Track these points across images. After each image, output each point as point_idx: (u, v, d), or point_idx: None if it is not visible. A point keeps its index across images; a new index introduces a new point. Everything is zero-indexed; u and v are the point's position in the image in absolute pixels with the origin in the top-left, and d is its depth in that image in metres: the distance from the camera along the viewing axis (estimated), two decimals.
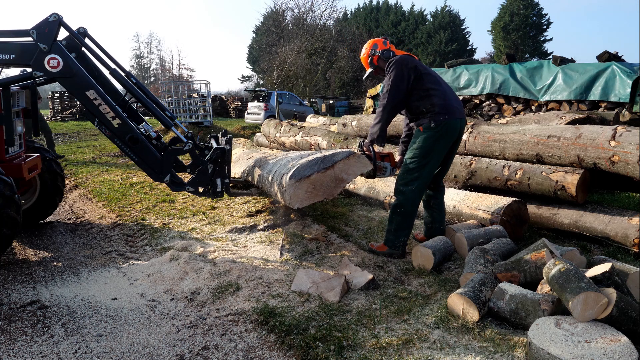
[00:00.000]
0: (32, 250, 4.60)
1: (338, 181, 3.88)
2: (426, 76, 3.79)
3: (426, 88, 3.75)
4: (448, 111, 3.72)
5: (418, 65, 3.81)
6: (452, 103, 3.79)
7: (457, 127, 3.79)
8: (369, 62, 4.05)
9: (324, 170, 3.84)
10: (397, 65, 3.74)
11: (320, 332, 2.67)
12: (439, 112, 3.70)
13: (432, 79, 3.81)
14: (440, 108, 3.71)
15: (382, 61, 3.98)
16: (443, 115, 3.70)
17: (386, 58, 3.94)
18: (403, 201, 3.79)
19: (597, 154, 3.91)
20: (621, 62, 7.50)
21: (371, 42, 4.07)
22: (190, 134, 4.50)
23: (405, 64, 3.75)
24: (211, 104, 17.33)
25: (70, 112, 23.30)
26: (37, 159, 4.81)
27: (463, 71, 9.59)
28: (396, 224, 3.81)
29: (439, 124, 3.70)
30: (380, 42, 4.02)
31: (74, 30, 4.37)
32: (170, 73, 55.99)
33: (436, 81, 3.82)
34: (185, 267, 3.77)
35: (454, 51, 38.13)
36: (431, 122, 3.71)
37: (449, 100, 3.78)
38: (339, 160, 3.88)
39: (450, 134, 3.76)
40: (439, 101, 3.73)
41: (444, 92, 3.80)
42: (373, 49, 4.01)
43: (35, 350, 2.71)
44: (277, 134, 7.92)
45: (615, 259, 3.29)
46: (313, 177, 3.81)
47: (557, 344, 2.18)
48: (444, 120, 3.70)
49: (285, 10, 38.09)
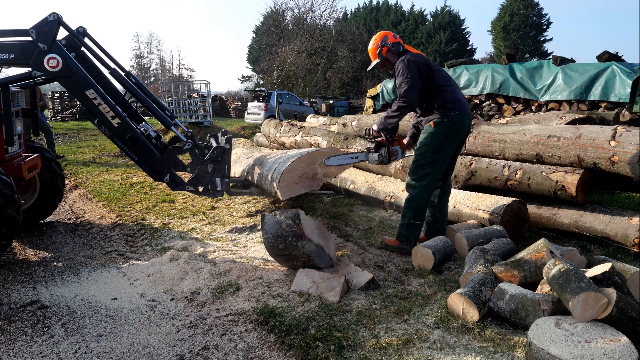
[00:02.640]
0: (32, 250, 4.60)
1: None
2: (437, 73, 3.86)
3: (438, 85, 3.82)
4: (459, 106, 3.81)
5: (429, 62, 3.88)
6: (461, 98, 3.89)
7: (466, 123, 3.90)
8: (378, 52, 3.99)
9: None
10: (412, 64, 3.76)
11: (320, 332, 2.66)
12: (450, 107, 3.79)
13: (443, 75, 3.89)
14: (451, 104, 3.80)
15: (391, 54, 3.97)
16: (454, 111, 3.79)
17: (395, 51, 3.94)
18: (415, 195, 3.88)
19: (597, 154, 3.91)
20: (621, 62, 7.49)
21: (382, 34, 4.03)
22: (190, 133, 4.50)
23: (419, 61, 3.80)
24: (211, 104, 17.32)
25: (70, 112, 23.28)
26: (36, 158, 4.81)
27: (463, 71, 9.59)
28: (409, 218, 3.90)
29: (450, 119, 3.78)
30: (391, 35, 4.02)
31: (73, 30, 4.36)
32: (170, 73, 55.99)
33: (446, 77, 3.91)
34: (185, 267, 3.76)
35: (454, 51, 38.10)
36: (443, 117, 3.78)
37: (458, 95, 3.88)
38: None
39: (460, 129, 3.86)
40: (450, 97, 3.81)
41: (454, 88, 3.90)
42: (383, 40, 3.98)
43: (35, 350, 2.71)
44: (277, 134, 7.92)
45: (615, 259, 3.29)
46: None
47: (557, 344, 2.18)
48: (455, 115, 3.78)
49: (285, 10, 38.09)
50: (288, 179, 4.25)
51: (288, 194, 4.25)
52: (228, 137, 4.74)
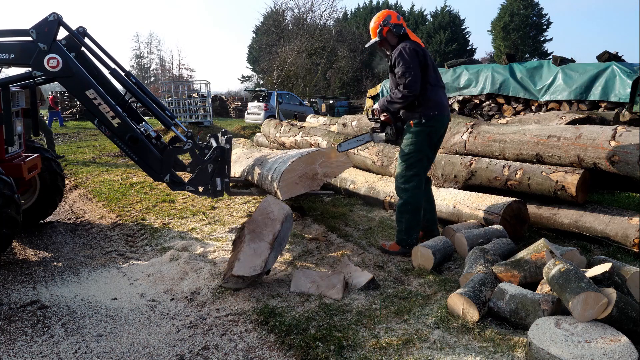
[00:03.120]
0: (32, 250, 4.60)
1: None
2: (428, 69, 3.83)
3: (424, 81, 3.80)
4: (438, 107, 3.84)
5: (427, 56, 3.86)
6: (442, 100, 3.92)
7: (445, 123, 3.95)
8: (378, 31, 3.90)
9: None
10: (412, 52, 3.72)
11: (320, 332, 2.67)
12: (431, 106, 3.81)
13: (432, 72, 3.88)
14: (432, 103, 3.82)
15: (391, 35, 3.90)
16: (433, 111, 3.82)
17: (396, 33, 3.88)
18: (409, 199, 3.85)
19: (597, 154, 3.91)
20: (621, 62, 7.50)
21: (385, 13, 3.94)
22: (190, 133, 4.50)
23: (419, 50, 3.78)
24: (211, 104, 17.34)
25: (70, 112, 23.29)
26: (36, 158, 4.81)
27: (463, 71, 9.59)
28: (406, 223, 3.87)
29: (429, 119, 3.82)
30: (395, 15, 3.93)
31: (73, 30, 4.36)
32: (170, 73, 56.00)
33: (435, 76, 3.90)
34: (185, 267, 3.77)
35: (454, 51, 38.09)
36: (422, 117, 3.82)
37: (440, 96, 3.90)
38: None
39: (439, 128, 3.91)
40: (431, 96, 3.82)
41: (438, 88, 3.90)
42: (386, 20, 3.89)
43: (35, 350, 2.71)
44: (277, 134, 7.92)
45: (615, 259, 3.29)
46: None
47: (557, 344, 2.18)
48: (433, 115, 3.82)
49: (285, 10, 38.10)
50: (288, 179, 4.26)
51: (288, 194, 4.26)
52: (228, 137, 4.74)
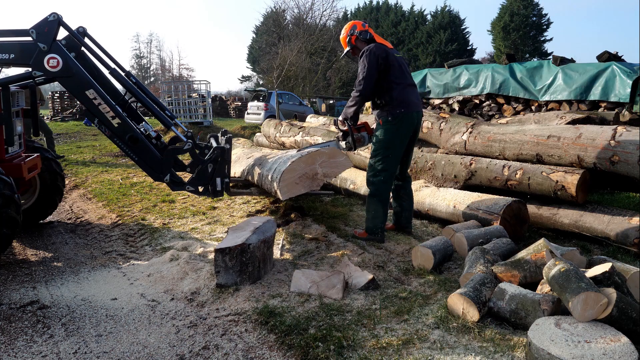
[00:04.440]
0: (32, 250, 4.60)
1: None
2: (392, 69, 3.99)
3: (389, 80, 3.98)
4: (404, 105, 3.98)
5: (389, 56, 4.00)
6: (409, 97, 4.04)
7: (413, 119, 4.08)
8: (347, 41, 4.26)
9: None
10: (371, 55, 3.95)
11: (320, 332, 2.67)
12: (396, 105, 3.97)
13: (398, 72, 4.01)
14: (397, 102, 3.97)
15: (360, 41, 4.21)
16: (399, 109, 3.97)
17: (363, 39, 4.18)
18: (375, 191, 4.15)
19: (597, 154, 3.91)
20: (621, 62, 7.49)
21: (351, 24, 4.30)
22: (190, 133, 4.50)
23: (379, 53, 3.96)
24: (211, 104, 17.33)
25: (70, 112, 23.28)
26: (36, 158, 4.81)
27: (463, 71, 9.58)
28: (373, 212, 4.15)
29: (395, 116, 3.98)
30: (360, 24, 4.28)
31: (73, 30, 4.36)
32: (170, 73, 55.96)
33: (401, 75, 4.03)
34: (185, 267, 3.76)
35: (454, 51, 38.08)
36: (389, 115, 3.99)
37: (407, 94, 4.03)
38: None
39: (407, 126, 4.04)
40: (397, 95, 3.97)
41: (405, 86, 4.02)
42: (352, 29, 4.24)
43: (35, 350, 2.71)
44: (277, 134, 7.92)
45: (615, 259, 3.29)
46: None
47: (557, 344, 2.18)
48: (399, 113, 3.97)
49: (285, 10, 38.04)
50: (288, 179, 4.26)
51: (288, 194, 4.26)
52: (228, 137, 4.74)
